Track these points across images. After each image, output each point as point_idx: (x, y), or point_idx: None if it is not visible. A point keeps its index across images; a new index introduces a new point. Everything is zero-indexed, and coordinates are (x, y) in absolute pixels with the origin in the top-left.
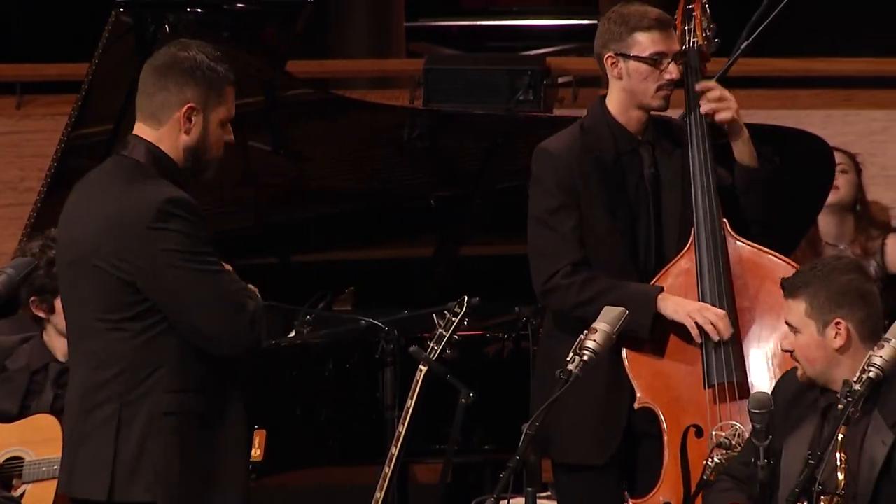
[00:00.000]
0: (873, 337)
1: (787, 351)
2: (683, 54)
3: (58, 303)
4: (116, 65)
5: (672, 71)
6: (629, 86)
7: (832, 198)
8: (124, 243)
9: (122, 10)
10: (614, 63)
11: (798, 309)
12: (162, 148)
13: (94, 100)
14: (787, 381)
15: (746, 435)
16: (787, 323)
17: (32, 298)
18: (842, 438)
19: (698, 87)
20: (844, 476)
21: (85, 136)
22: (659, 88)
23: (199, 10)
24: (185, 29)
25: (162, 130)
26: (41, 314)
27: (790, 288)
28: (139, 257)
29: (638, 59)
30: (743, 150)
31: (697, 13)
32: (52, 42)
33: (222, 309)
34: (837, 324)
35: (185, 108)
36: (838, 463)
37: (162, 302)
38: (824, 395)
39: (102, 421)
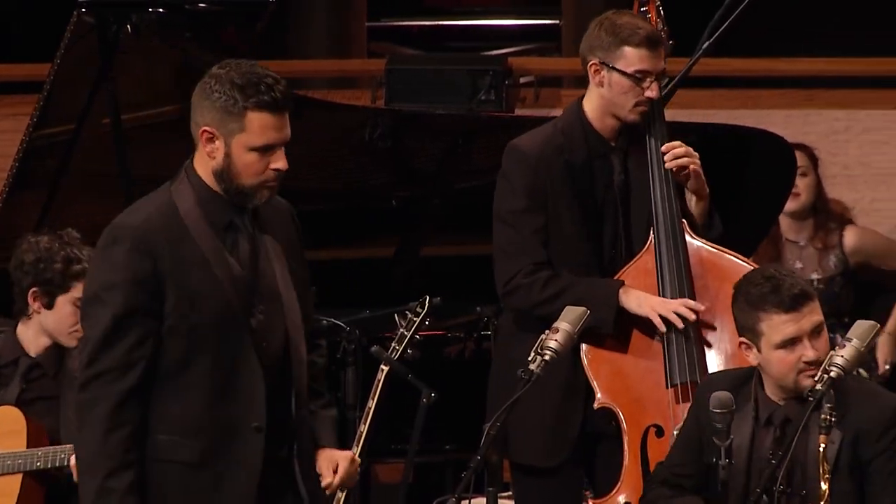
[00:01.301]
0: None
1: (816, 363)
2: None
3: (60, 300)
4: (78, 65)
5: (653, 90)
6: (608, 95)
7: (794, 205)
8: None
9: (83, 10)
10: (598, 70)
11: (818, 304)
12: (199, 169)
13: (56, 100)
14: (712, 388)
15: None
16: (816, 327)
17: (34, 289)
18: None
19: (663, 148)
20: (794, 475)
21: (46, 136)
22: (637, 104)
23: (160, 10)
24: (146, 29)
25: (198, 152)
26: (37, 306)
27: (810, 290)
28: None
29: (622, 73)
30: (695, 209)
31: (652, 15)
32: (13, 42)
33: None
34: None
35: (200, 132)
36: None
37: None
38: (766, 403)
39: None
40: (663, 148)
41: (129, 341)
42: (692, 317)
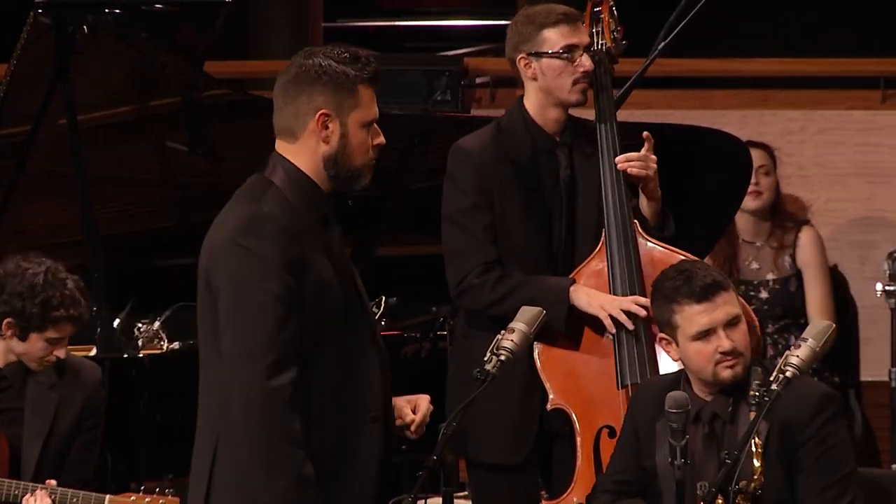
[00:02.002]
0: None
1: (732, 353)
2: (593, 59)
3: (33, 336)
4: (35, 65)
5: (585, 63)
6: (545, 84)
7: (756, 203)
8: (213, 258)
9: (40, 10)
10: (527, 64)
11: (734, 296)
12: (298, 163)
13: (13, 101)
14: (644, 393)
15: None
16: (731, 318)
17: (9, 319)
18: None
19: (617, 159)
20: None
21: (3, 136)
22: (575, 82)
23: (117, 10)
24: (103, 30)
25: (298, 144)
26: (9, 334)
27: (724, 281)
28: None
29: (549, 55)
30: (647, 208)
31: (605, 15)
32: None
33: (240, 355)
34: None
35: (318, 116)
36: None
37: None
38: (694, 400)
39: (208, 450)
40: (617, 160)
41: (292, 327)
42: (642, 313)
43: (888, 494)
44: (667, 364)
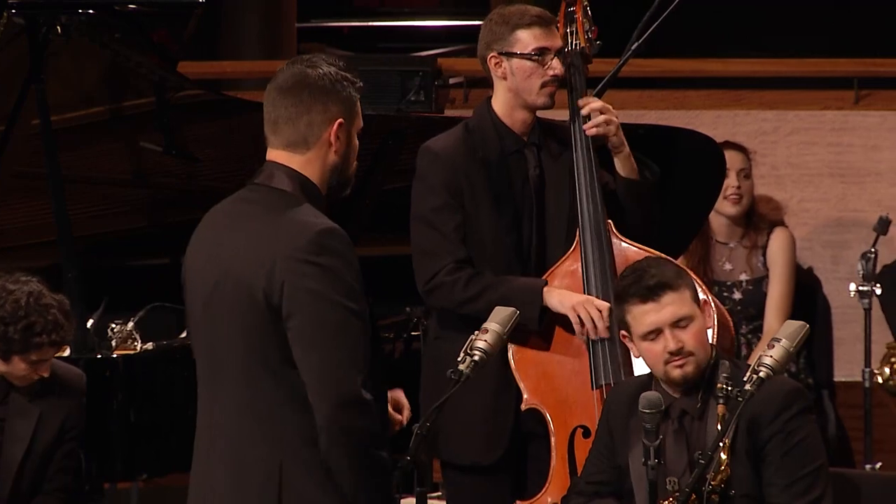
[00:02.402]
0: None
1: (679, 353)
2: (567, 59)
3: (15, 358)
4: (8, 66)
5: (556, 66)
6: (514, 84)
7: (737, 209)
8: (277, 275)
9: (13, 11)
10: (498, 63)
11: (686, 297)
12: (306, 172)
13: None
14: (619, 393)
15: None
16: (678, 319)
17: None
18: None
19: (580, 102)
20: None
21: None
22: (543, 85)
23: (91, 11)
24: (76, 30)
25: (310, 154)
26: None
27: (673, 281)
28: (287, 289)
29: (521, 56)
30: (624, 164)
31: (579, 16)
32: None
33: (332, 371)
34: (706, 303)
35: (335, 126)
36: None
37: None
38: (663, 397)
39: (266, 475)
40: (580, 102)
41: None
42: (604, 332)
43: (861, 494)
44: (641, 364)
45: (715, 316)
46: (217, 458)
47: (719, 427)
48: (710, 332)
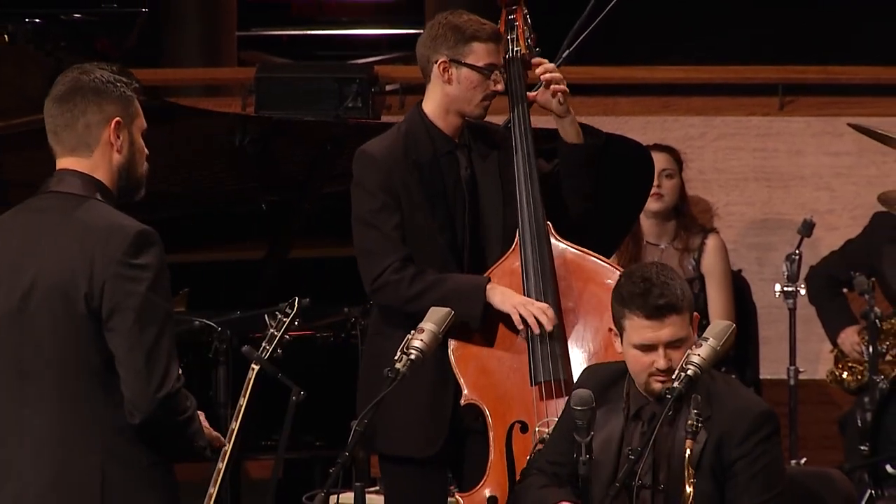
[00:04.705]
0: None
1: (667, 371)
2: (508, 65)
3: None
4: None
5: (499, 82)
6: (456, 92)
7: (658, 205)
8: (96, 277)
9: None
10: (446, 68)
11: (686, 319)
12: (97, 175)
13: None
14: (589, 378)
15: None
16: (675, 340)
17: None
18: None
19: (535, 61)
20: (660, 470)
21: None
22: (484, 98)
23: (37, 20)
24: (23, 38)
25: (95, 156)
26: None
27: (678, 303)
28: (109, 291)
29: (472, 67)
30: (569, 130)
31: (520, 23)
32: None
33: (145, 368)
34: (696, 317)
35: (113, 125)
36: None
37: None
38: (637, 399)
39: (87, 475)
40: (535, 61)
41: None
42: (548, 326)
43: (790, 489)
44: (579, 361)
45: None
46: (27, 458)
47: (687, 447)
48: None
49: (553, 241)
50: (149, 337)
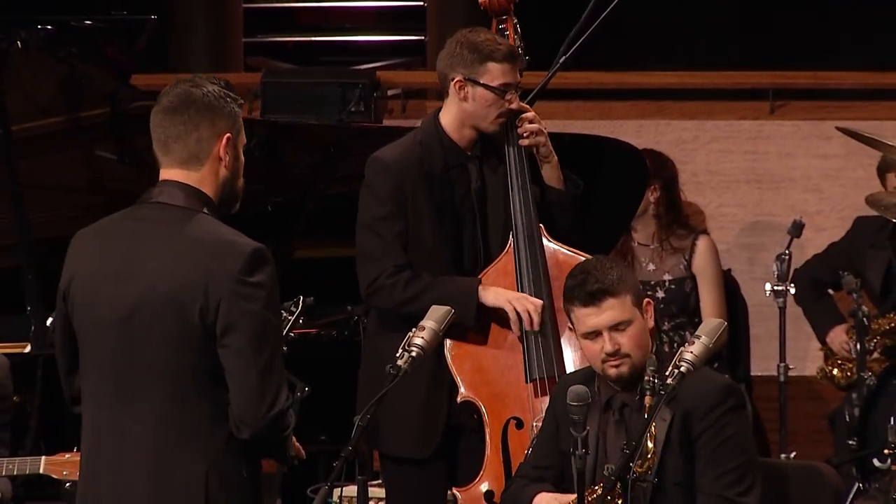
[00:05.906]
0: None
1: (615, 354)
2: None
3: None
4: None
5: (514, 101)
6: (472, 109)
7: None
8: (212, 293)
9: None
10: (462, 86)
11: (626, 301)
12: (204, 188)
13: None
14: (566, 383)
15: None
16: (617, 323)
17: None
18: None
19: (515, 105)
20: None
21: None
22: (498, 116)
23: (49, 27)
24: (35, 45)
25: (204, 170)
26: None
27: (613, 287)
28: (224, 308)
29: (488, 87)
30: (551, 174)
31: (510, 32)
32: None
33: (259, 387)
34: (648, 304)
35: (224, 141)
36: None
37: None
38: (606, 390)
39: (191, 485)
40: (514, 106)
41: None
42: (538, 324)
43: (779, 482)
44: (572, 359)
45: None
46: (132, 469)
47: (646, 402)
48: None
49: (545, 241)
50: (263, 356)
